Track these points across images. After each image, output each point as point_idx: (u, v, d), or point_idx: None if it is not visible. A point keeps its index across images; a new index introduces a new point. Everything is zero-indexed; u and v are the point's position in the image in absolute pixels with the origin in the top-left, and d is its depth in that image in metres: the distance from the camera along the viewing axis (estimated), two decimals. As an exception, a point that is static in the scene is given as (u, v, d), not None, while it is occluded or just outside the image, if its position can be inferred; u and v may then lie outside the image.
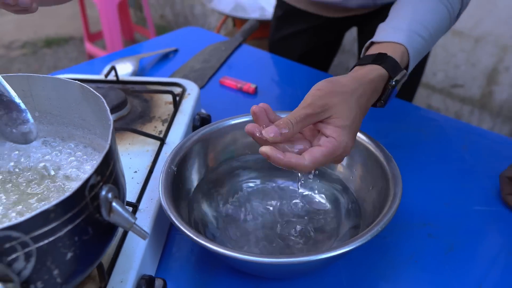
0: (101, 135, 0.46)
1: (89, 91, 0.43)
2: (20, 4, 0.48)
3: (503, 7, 1.48)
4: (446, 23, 0.59)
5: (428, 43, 0.56)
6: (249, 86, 0.87)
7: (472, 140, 0.73)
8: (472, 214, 0.58)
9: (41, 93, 0.46)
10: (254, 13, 1.64)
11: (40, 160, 0.46)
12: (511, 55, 1.52)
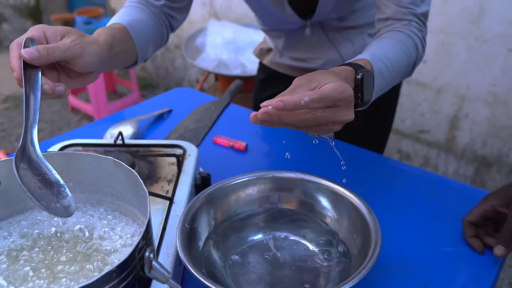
0: (129, 201, 0.54)
1: (121, 165, 0.52)
2: (56, 93, 0.56)
3: (459, 63, 1.65)
4: (404, 62, 0.70)
5: (389, 70, 0.66)
6: (240, 144, 0.97)
7: (438, 188, 0.83)
8: (442, 255, 0.68)
9: (76, 167, 0.54)
10: (236, 70, 1.77)
11: (76, 223, 0.54)
12: (469, 104, 1.68)
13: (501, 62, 1.55)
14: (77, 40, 0.58)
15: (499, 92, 1.59)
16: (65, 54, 0.56)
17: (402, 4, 0.73)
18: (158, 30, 0.84)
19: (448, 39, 1.64)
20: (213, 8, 2.56)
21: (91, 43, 0.60)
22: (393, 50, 0.68)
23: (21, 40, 0.54)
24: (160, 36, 0.86)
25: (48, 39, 0.57)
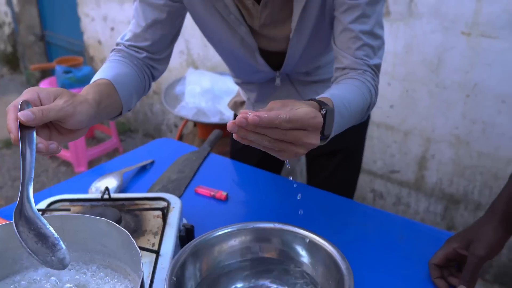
0: (121, 258, 0.58)
1: (114, 225, 0.56)
2: (49, 151, 0.61)
3: (423, 107, 1.77)
4: (360, 105, 0.78)
5: (347, 110, 0.72)
6: (221, 194, 1.02)
7: (407, 231, 0.90)
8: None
9: (71, 228, 0.58)
10: (214, 117, 1.84)
11: (70, 281, 0.57)
12: (434, 145, 1.79)
13: (460, 107, 1.67)
14: (69, 101, 0.63)
15: (460, 134, 1.70)
16: (58, 115, 0.61)
17: (357, 56, 0.81)
18: (141, 81, 0.91)
19: (411, 86, 1.76)
20: (191, 57, 2.66)
21: (82, 102, 0.65)
22: (351, 94, 0.76)
23: (17, 103, 0.59)
24: (142, 87, 0.92)
25: (42, 100, 0.62)
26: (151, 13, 0.90)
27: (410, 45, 1.72)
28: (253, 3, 0.85)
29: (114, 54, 0.91)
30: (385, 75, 1.82)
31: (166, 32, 0.92)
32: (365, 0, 0.79)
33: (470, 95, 1.64)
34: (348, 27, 0.81)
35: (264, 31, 0.91)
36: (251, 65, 1.00)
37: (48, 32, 4.14)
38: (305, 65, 1.01)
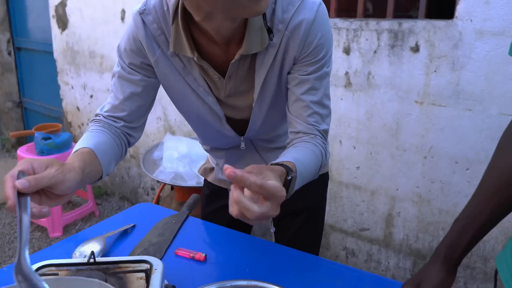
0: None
1: (107, 286, 0.62)
2: (42, 214, 0.67)
3: (386, 168, 1.90)
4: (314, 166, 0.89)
5: (306, 171, 0.84)
6: (199, 255, 1.08)
7: (374, 287, 0.98)
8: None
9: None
10: (191, 181, 1.92)
11: None
12: (399, 203, 1.91)
13: (419, 168, 1.81)
14: (60, 169, 0.71)
15: (422, 193, 1.82)
16: (50, 182, 0.69)
17: (308, 122, 0.94)
18: (119, 148, 0.99)
19: (375, 148, 1.91)
20: (168, 123, 2.77)
21: (70, 171, 0.74)
22: (308, 157, 0.88)
23: (13, 172, 0.67)
24: (120, 153, 1.00)
25: (35, 170, 0.70)
26: (129, 87, 1.00)
27: (371, 112, 1.88)
28: (219, 77, 0.97)
29: (94, 124, 1.01)
30: (351, 139, 1.96)
31: (141, 103, 1.03)
32: (314, 75, 0.92)
33: (427, 157, 1.79)
34: (300, 98, 0.93)
35: (229, 101, 1.03)
36: (219, 131, 1.10)
37: (25, 99, 4.22)
38: (266, 132, 1.12)
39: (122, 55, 0.99)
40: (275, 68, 0.93)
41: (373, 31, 1.80)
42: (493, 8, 1.52)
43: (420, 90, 1.74)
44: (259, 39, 0.87)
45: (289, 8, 0.87)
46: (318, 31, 0.88)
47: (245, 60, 0.93)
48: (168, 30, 0.93)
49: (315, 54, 0.90)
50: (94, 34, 3.05)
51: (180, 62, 0.97)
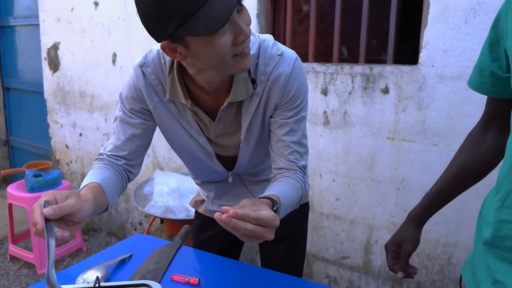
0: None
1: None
2: (64, 238, 0.78)
3: (363, 199, 2.04)
4: (295, 198, 1.03)
5: (289, 203, 0.97)
6: (194, 280, 1.18)
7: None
8: None
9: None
10: (181, 214, 2.01)
11: None
12: (376, 231, 2.03)
13: (393, 198, 1.96)
14: (78, 200, 0.83)
15: (396, 221, 1.96)
16: (70, 210, 0.81)
17: (289, 160, 1.07)
18: (120, 183, 1.11)
19: (352, 181, 2.05)
20: (156, 159, 2.88)
21: (86, 201, 0.86)
22: (290, 191, 1.01)
23: (40, 202, 0.79)
24: (121, 187, 1.12)
25: (57, 200, 0.82)
26: (129, 129, 1.13)
27: (348, 148, 2.04)
28: (209, 120, 1.10)
29: (98, 162, 1.12)
30: (330, 173, 2.10)
31: (140, 143, 1.15)
32: (292, 119, 1.07)
33: (400, 188, 1.93)
34: (281, 139, 1.07)
35: (218, 141, 1.16)
36: (210, 167, 1.23)
37: (13, 137, 4.28)
38: (252, 167, 1.26)
39: (124, 102, 1.12)
40: (259, 113, 1.07)
41: (347, 75, 1.98)
42: (451, 56, 1.71)
43: (391, 127, 1.90)
44: (245, 88, 1.02)
45: (270, 62, 1.02)
46: (295, 82, 1.03)
47: (232, 107, 1.07)
48: (164, 80, 1.07)
49: (293, 101, 1.05)
50: (85, 75, 3.18)
51: (175, 107, 1.10)
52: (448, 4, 1.68)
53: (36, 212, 0.77)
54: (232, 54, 0.89)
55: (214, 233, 1.42)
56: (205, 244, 1.42)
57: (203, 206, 1.42)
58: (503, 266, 0.75)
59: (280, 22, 2.30)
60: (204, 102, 1.08)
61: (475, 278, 0.81)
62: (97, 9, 2.98)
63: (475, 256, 0.84)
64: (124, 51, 2.89)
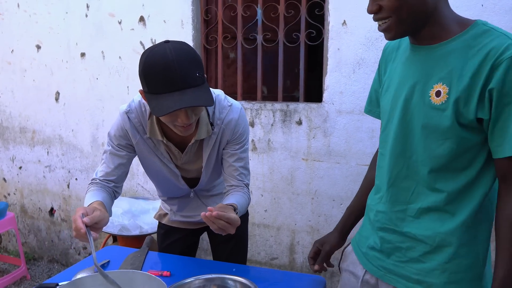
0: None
1: (155, 278, 1.07)
2: (95, 238, 1.12)
3: (286, 209, 2.50)
4: (245, 206, 1.44)
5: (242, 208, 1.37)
6: (166, 272, 1.51)
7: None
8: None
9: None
10: (135, 231, 2.30)
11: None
12: (298, 234, 2.49)
13: (309, 206, 2.44)
14: (102, 212, 1.20)
15: (313, 224, 2.44)
16: (98, 219, 1.16)
17: (238, 179, 1.48)
18: (112, 200, 1.46)
19: (277, 195, 2.50)
20: (101, 186, 3.10)
21: (104, 213, 1.21)
22: (242, 200, 1.42)
23: (79, 214, 1.13)
24: (112, 203, 1.47)
25: (88, 212, 1.16)
26: (117, 160, 1.47)
27: (272, 168, 2.49)
28: (178, 152, 1.47)
29: (93, 185, 1.45)
30: (259, 189, 2.54)
31: (124, 170, 1.49)
32: (239, 150, 1.48)
33: (314, 198, 2.42)
34: (232, 164, 1.48)
35: (184, 166, 1.54)
36: (176, 185, 1.59)
37: None
38: (209, 185, 1.64)
39: (112, 139, 1.46)
40: (215, 147, 1.47)
41: (269, 110, 2.46)
42: (345, 96, 2.26)
43: (305, 150, 2.40)
44: (206, 130, 1.41)
45: (223, 111, 1.43)
46: (241, 125, 1.46)
47: (196, 142, 1.46)
48: (144, 122, 1.43)
49: (239, 138, 1.47)
50: (26, 112, 3.32)
51: (152, 142, 1.47)
52: (341, 59, 2.24)
53: (78, 221, 1.10)
54: (173, 124, 1.27)
55: (175, 239, 1.76)
56: (169, 248, 1.76)
57: (167, 218, 1.77)
58: (373, 232, 1.22)
59: (212, 67, 2.73)
60: (174, 138, 1.46)
61: (359, 243, 1.28)
62: (39, 52, 3.18)
63: (362, 230, 1.30)
64: (68, 90, 3.11)
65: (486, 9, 1.94)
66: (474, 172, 1.04)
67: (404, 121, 1.09)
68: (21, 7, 3.19)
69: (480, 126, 1.00)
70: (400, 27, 1.02)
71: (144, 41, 2.76)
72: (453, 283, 1.06)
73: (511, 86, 0.94)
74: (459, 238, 1.05)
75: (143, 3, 2.72)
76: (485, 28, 1.00)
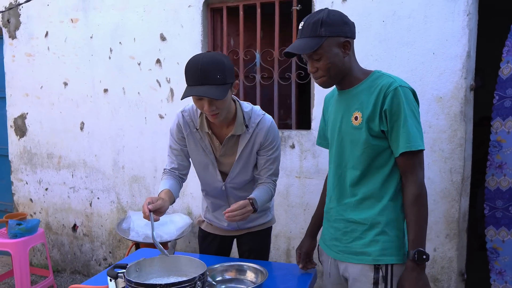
0: (188, 269, 1.48)
1: (195, 260, 1.48)
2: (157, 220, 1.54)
3: (283, 219, 2.91)
4: (268, 198, 1.84)
5: (262, 201, 1.77)
6: (192, 265, 1.91)
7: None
8: None
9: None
10: (157, 239, 2.69)
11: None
12: (293, 241, 2.89)
13: (302, 216, 2.85)
14: (165, 200, 1.63)
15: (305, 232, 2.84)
16: (160, 206, 1.59)
17: (268, 178, 1.87)
18: (179, 184, 1.89)
19: (275, 208, 2.91)
20: (120, 204, 3.49)
21: (166, 201, 1.64)
22: (263, 193, 1.80)
23: (146, 202, 1.56)
24: (180, 186, 1.90)
25: (153, 200, 1.59)
26: (176, 152, 1.91)
27: (270, 185, 2.91)
28: (219, 144, 1.85)
29: (164, 174, 1.90)
30: (259, 203, 2.95)
31: (183, 160, 1.92)
32: (272, 156, 1.86)
33: (306, 209, 2.83)
34: (264, 167, 1.86)
35: (221, 159, 1.90)
36: (212, 174, 1.93)
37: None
38: (237, 181, 1.94)
39: (172, 134, 1.90)
40: (249, 145, 1.85)
41: (267, 136, 2.89)
42: (329, 124, 2.71)
43: (297, 170, 2.83)
44: (240, 128, 1.81)
45: (257, 118, 1.83)
46: (272, 132, 1.84)
47: (233, 137, 1.84)
48: (195, 119, 1.84)
49: (271, 144, 1.85)
50: (53, 139, 3.72)
51: (199, 135, 1.87)
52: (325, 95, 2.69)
53: (144, 207, 1.55)
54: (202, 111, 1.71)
55: (210, 241, 2.13)
56: (206, 249, 2.12)
57: (204, 224, 2.14)
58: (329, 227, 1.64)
59: (218, 100, 3.17)
60: (217, 132, 1.85)
61: (323, 239, 1.70)
62: (66, 88, 3.61)
63: (323, 228, 1.72)
64: (92, 121, 3.53)
65: (437, 56, 2.42)
66: (388, 169, 1.49)
67: (339, 140, 1.57)
68: (50, 50, 3.63)
69: (384, 135, 1.47)
70: (329, 81, 1.53)
71: (160, 79, 3.21)
72: (384, 249, 1.49)
73: (396, 107, 1.43)
74: (385, 217, 1.49)
75: (159, 48, 3.18)
76: (379, 74, 1.52)
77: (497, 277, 2.52)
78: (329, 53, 1.47)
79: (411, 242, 1.44)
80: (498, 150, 2.44)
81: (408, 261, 1.45)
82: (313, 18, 1.49)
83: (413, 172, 1.46)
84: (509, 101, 2.40)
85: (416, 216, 1.44)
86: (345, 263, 1.57)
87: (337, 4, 2.60)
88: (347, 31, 1.49)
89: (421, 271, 1.43)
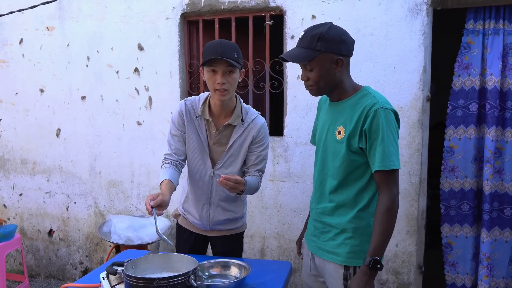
0: (180, 265, 1.61)
1: (187, 257, 1.61)
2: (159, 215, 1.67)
3: (258, 220, 3.06)
4: (256, 186, 1.99)
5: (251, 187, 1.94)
6: (178, 264, 2.03)
7: None
8: None
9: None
10: (138, 241, 2.78)
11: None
12: (267, 240, 3.05)
13: (276, 217, 3.01)
14: (165, 196, 1.76)
15: (279, 231, 3.00)
16: (161, 201, 1.71)
17: (256, 172, 2.01)
18: (179, 170, 2.00)
19: (250, 209, 3.04)
20: (98, 208, 3.54)
21: (166, 195, 1.77)
22: (252, 179, 1.95)
23: (148, 200, 1.68)
24: (179, 171, 2.01)
25: (154, 197, 1.71)
26: (175, 138, 2.03)
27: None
28: (215, 131, 1.99)
29: (164, 162, 2.02)
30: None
31: (181, 146, 2.04)
32: (262, 153, 2.01)
33: (279, 210, 3.01)
34: (255, 162, 2.01)
35: (213, 147, 2.02)
36: (203, 160, 2.04)
37: None
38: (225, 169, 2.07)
39: (174, 121, 2.03)
40: (241, 137, 1.99)
41: (243, 142, 3.04)
42: (300, 131, 2.89)
43: (271, 173, 2.99)
44: (237, 120, 1.96)
45: (253, 115, 2.01)
46: (264, 130, 2.01)
47: (229, 127, 1.98)
48: (196, 107, 1.99)
49: (261, 140, 2.01)
50: (28, 145, 3.71)
51: (198, 122, 2.00)
52: (297, 104, 2.88)
53: (147, 205, 1.67)
54: (213, 87, 1.86)
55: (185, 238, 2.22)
56: (181, 246, 2.22)
57: (180, 217, 2.22)
58: (311, 224, 1.81)
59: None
60: (214, 121, 1.99)
61: (306, 233, 1.87)
62: (42, 95, 3.62)
63: (308, 225, 1.89)
64: (68, 127, 3.55)
65: (397, 70, 2.66)
66: (363, 182, 1.63)
67: (324, 149, 1.71)
68: (25, 57, 3.63)
69: (363, 152, 1.58)
70: (319, 90, 1.64)
71: (139, 87, 3.30)
72: (352, 252, 1.64)
73: (375, 128, 1.52)
74: (354, 225, 1.63)
75: (137, 57, 3.27)
76: (366, 92, 1.61)
77: (450, 268, 2.79)
78: (321, 67, 1.55)
79: (371, 250, 1.52)
80: (451, 155, 2.70)
81: (363, 265, 1.53)
82: (314, 31, 1.56)
83: (387, 187, 1.55)
84: (461, 111, 2.67)
85: (381, 227, 1.52)
86: (321, 258, 1.74)
87: (307, 21, 2.80)
88: (342, 49, 1.56)
89: (371, 277, 1.53)
